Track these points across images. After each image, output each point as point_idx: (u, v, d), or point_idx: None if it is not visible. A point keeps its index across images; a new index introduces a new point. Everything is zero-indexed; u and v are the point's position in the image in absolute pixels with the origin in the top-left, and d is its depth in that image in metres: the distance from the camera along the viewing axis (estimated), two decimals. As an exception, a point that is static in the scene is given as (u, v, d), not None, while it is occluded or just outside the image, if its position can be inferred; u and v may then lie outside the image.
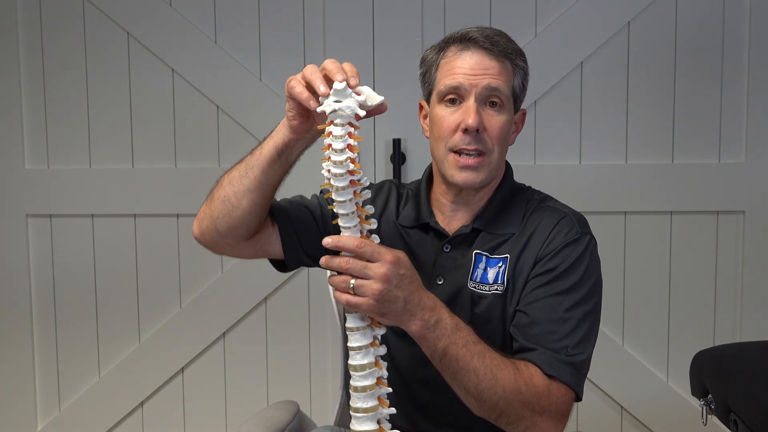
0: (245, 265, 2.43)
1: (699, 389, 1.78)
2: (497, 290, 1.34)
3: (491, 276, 1.35)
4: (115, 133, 2.47)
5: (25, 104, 2.47)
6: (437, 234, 1.41)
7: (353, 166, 1.10)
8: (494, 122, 1.33)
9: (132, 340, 2.52)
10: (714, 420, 1.78)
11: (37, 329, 2.53)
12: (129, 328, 2.52)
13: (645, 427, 2.44)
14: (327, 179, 1.11)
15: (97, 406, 2.53)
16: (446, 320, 1.17)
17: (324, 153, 1.11)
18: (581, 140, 2.39)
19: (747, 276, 2.39)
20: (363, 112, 1.11)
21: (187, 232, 2.44)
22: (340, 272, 1.14)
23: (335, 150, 1.10)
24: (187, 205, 2.42)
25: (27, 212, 2.49)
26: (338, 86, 1.11)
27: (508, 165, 1.46)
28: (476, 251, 1.37)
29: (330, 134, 1.10)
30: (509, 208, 1.41)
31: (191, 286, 2.50)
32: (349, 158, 1.10)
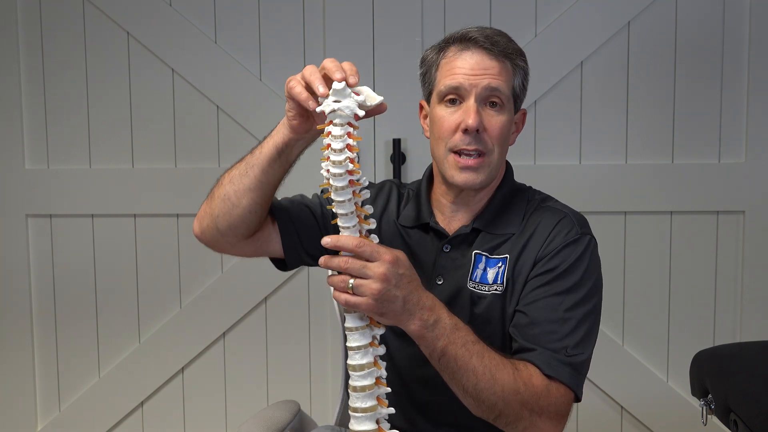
0: (245, 265, 2.43)
1: (699, 389, 1.78)
2: (497, 290, 1.34)
3: (491, 276, 1.35)
4: (115, 133, 2.47)
5: (25, 104, 2.47)
6: (437, 234, 1.41)
7: (352, 166, 1.10)
8: (494, 122, 1.33)
9: (132, 340, 2.52)
10: (714, 420, 1.77)
11: (37, 329, 2.53)
12: (129, 328, 2.52)
13: (645, 427, 2.43)
14: (326, 179, 1.11)
15: (97, 406, 2.53)
16: (445, 320, 1.17)
17: (323, 153, 1.11)
18: (581, 140, 2.39)
19: (747, 276, 2.39)
20: (362, 112, 1.11)
21: (187, 232, 2.44)
22: (340, 272, 1.14)
23: (334, 150, 1.09)
24: (187, 205, 2.42)
25: (27, 212, 2.49)
26: (337, 86, 1.10)
27: (509, 165, 1.46)
28: (476, 251, 1.37)
29: (329, 134, 1.10)
30: (509, 209, 1.40)
31: (191, 286, 2.50)
32: (348, 158, 1.10)
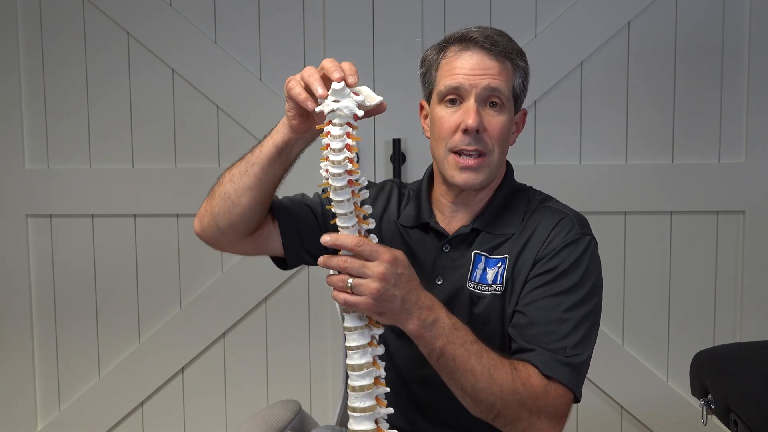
0: (245, 266, 2.43)
1: (699, 389, 1.78)
2: (496, 290, 1.34)
3: (490, 276, 1.35)
4: (115, 133, 2.47)
5: (25, 104, 2.47)
6: (437, 234, 1.41)
7: (351, 166, 1.10)
8: (494, 122, 1.33)
9: (132, 340, 2.52)
10: (714, 420, 1.77)
11: (37, 329, 2.53)
12: (129, 328, 2.52)
13: (645, 427, 2.43)
14: (325, 179, 1.11)
15: (97, 406, 2.53)
16: (444, 320, 1.17)
17: (322, 153, 1.11)
18: (581, 140, 2.39)
19: (747, 276, 2.39)
20: (361, 112, 1.11)
21: (187, 232, 2.44)
22: (339, 271, 1.14)
23: (333, 150, 1.09)
24: (187, 205, 2.42)
25: (27, 212, 2.49)
26: (337, 86, 1.10)
27: (509, 165, 1.45)
28: (475, 251, 1.37)
29: (328, 134, 1.10)
30: (509, 209, 1.40)
31: (191, 286, 2.50)
32: (347, 158, 1.09)
